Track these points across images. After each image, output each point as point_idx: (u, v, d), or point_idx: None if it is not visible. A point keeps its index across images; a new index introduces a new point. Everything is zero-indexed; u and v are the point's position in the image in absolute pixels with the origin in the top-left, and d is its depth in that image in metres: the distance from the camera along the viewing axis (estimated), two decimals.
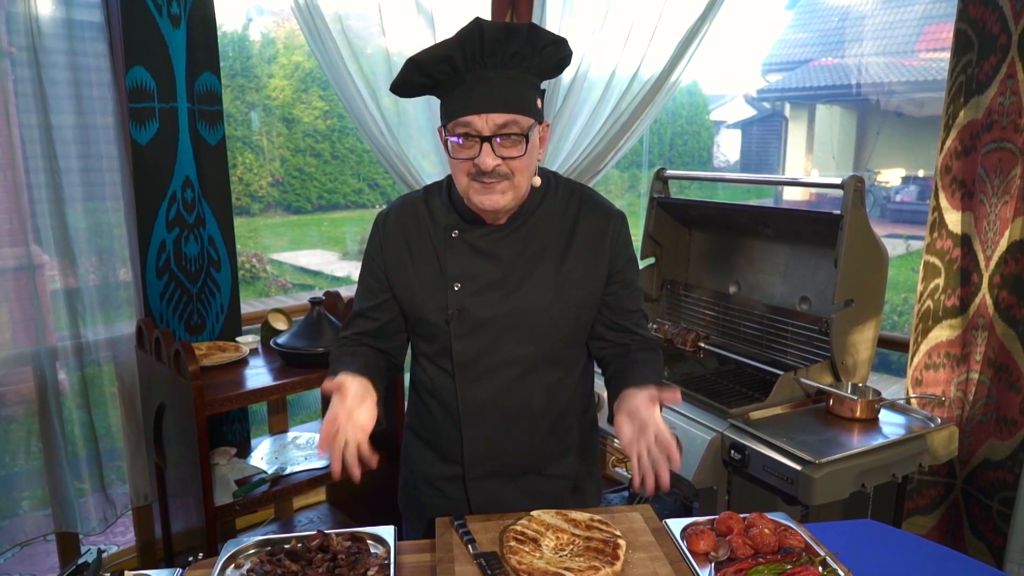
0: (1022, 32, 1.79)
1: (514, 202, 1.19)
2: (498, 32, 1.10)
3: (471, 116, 1.11)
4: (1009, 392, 1.93)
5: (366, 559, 1.17)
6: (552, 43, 1.14)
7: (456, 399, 1.26)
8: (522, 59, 1.13)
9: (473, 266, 1.23)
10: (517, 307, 1.22)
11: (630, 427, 1.12)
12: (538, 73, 1.18)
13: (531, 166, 1.18)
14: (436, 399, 1.30)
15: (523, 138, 1.14)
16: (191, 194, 2.21)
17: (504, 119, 1.12)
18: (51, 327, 2.12)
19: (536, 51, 1.13)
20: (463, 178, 1.16)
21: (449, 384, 1.27)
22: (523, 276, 1.23)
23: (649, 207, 2.53)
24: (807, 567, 1.13)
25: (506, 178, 1.15)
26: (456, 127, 1.13)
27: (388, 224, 1.29)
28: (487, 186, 1.15)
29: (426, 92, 1.21)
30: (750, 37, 16.84)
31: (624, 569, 1.11)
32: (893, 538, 1.36)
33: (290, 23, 9.89)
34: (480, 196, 1.16)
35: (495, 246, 1.23)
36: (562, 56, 1.18)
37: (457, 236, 1.24)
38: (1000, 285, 1.93)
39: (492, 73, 1.11)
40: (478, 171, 1.13)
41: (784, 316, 2.18)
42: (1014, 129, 1.83)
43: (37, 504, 2.22)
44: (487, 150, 1.12)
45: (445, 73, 1.13)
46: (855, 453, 1.68)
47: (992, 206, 1.91)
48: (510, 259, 1.23)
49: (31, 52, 1.92)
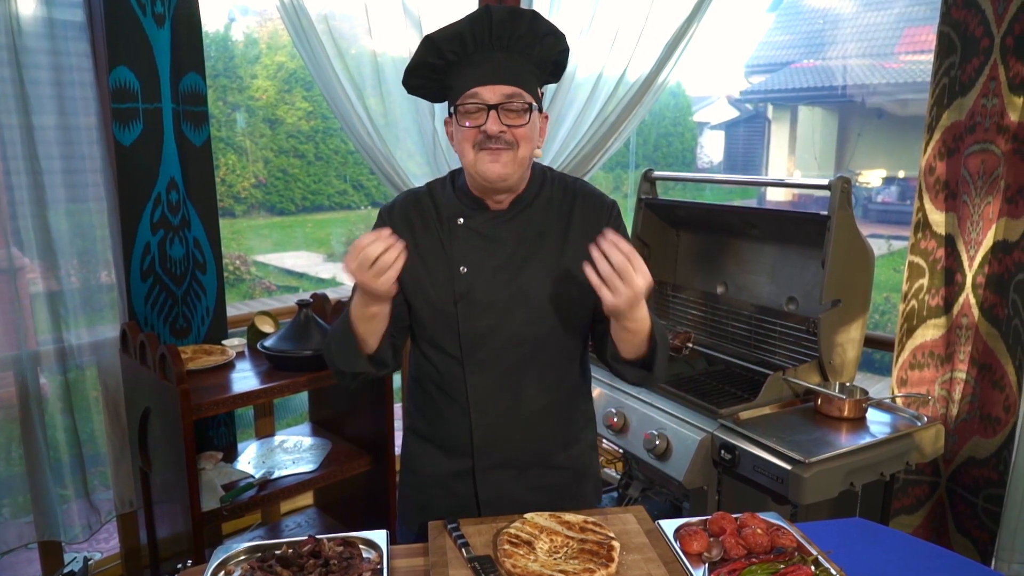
0: (1004, 35, 1.81)
1: (517, 173, 1.24)
2: (505, 15, 1.19)
3: (479, 87, 1.20)
4: (993, 391, 1.95)
5: (359, 564, 1.15)
6: (551, 33, 1.24)
7: (464, 385, 1.30)
8: (525, 44, 1.22)
9: (478, 250, 1.29)
10: (520, 287, 1.28)
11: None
12: (538, 64, 1.25)
13: (533, 139, 1.25)
14: (442, 390, 1.32)
15: (527, 110, 1.22)
16: (176, 196, 2.19)
17: (510, 90, 1.20)
18: (32, 331, 2.08)
19: (538, 38, 1.22)
20: (470, 150, 1.23)
21: (458, 371, 1.30)
22: (525, 258, 1.28)
23: (637, 208, 2.53)
24: (800, 566, 1.14)
25: (510, 147, 1.21)
26: (465, 100, 1.21)
27: (394, 215, 1.33)
28: (493, 154, 1.21)
29: (435, 80, 1.27)
30: (733, 39, 16.98)
31: (619, 571, 1.11)
32: (883, 536, 1.37)
33: (272, 23, 9.81)
34: (486, 165, 1.22)
35: (498, 230, 1.29)
36: (559, 51, 1.27)
37: (462, 223, 1.30)
38: (983, 285, 1.95)
39: (498, 54, 1.21)
40: (485, 137, 1.20)
41: (772, 316, 2.20)
42: (996, 131, 1.86)
43: (18, 511, 2.17)
44: (493, 116, 1.20)
45: (455, 53, 1.22)
46: (844, 452, 1.70)
47: (975, 207, 1.93)
48: (512, 243, 1.29)
49: (11, 52, 1.89)
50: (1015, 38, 1.79)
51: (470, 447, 1.32)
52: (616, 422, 2.08)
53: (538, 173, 1.33)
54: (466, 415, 1.30)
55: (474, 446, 1.32)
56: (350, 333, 1.22)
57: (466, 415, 1.30)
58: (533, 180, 1.31)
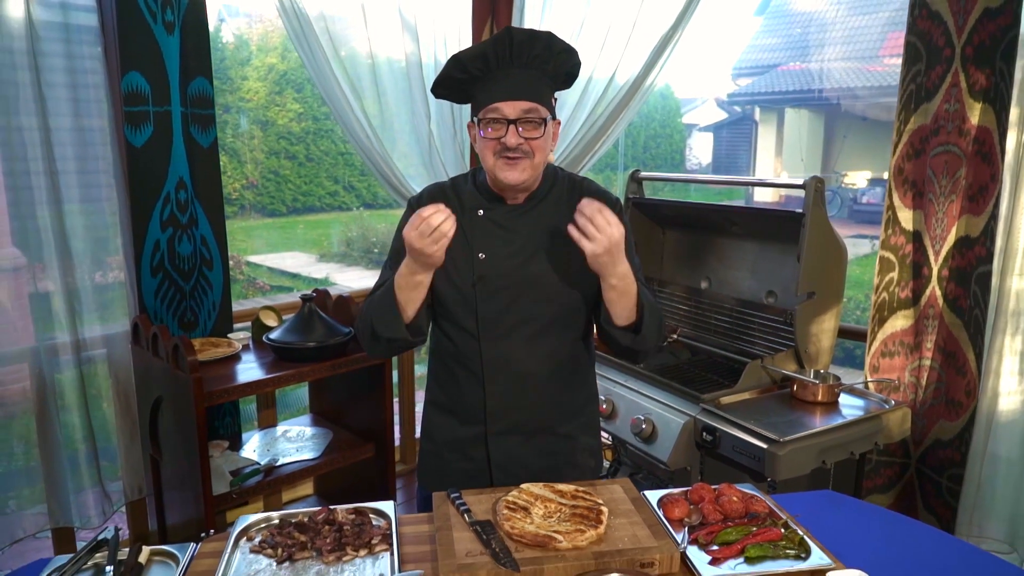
0: (964, 45, 1.95)
1: (532, 178, 1.39)
2: (524, 36, 1.32)
3: (500, 103, 1.33)
4: (957, 377, 2.08)
5: (370, 529, 1.26)
6: (565, 50, 1.37)
7: (480, 358, 1.43)
8: (541, 61, 1.35)
9: (495, 239, 1.43)
10: (532, 272, 1.42)
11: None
12: (552, 77, 1.38)
13: (546, 148, 1.39)
14: (460, 363, 1.47)
15: (542, 123, 1.35)
16: (184, 195, 2.28)
17: (527, 106, 1.33)
18: (47, 325, 2.17)
19: (553, 55, 1.35)
20: (490, 157, 1.36)
21: (474, 345, 1.44)
22: (536, 248, 1.43)
23: (625, 207, 2.65)
24: (770, 528, 1.26)
25: (527, 156, 1.35)
26: (487, 113, 1.34)
27: (422, 204, 1.44)
28: (511, 162, 1.35)
29: (460, 91, 1.42)
30: (721, 42, 17.16)
31: (607, 532, 1.22)
32: (848, 505, 1.50)
33: (263, 24, 9.86)
34: (505, 172, 1.36)
35: (514, 222, 1.44)
36: (572, 64, 1.40)
37: (482, 215, 1.44)
38: (948, 278, 2.09)
39: (517, 71, 1.34)
40: (504, 148, 1.34)
41: (752, 309, 2.32)
42: (958, 134, 1.99)
43: (29, 502, 2.25)
44: (512, 131, 1.33)
45: (479, 69, 1.35)
46: (816, 432, 1.82)
47: (940, 204, 2.07)
48: (526, 233, 1.43)
49: (31, 56, 1.98)
50: (974, 48, 1.93)
51: (483, 414, 1.46)
52: (605, 408, 2.19)
53: (549, 172, 1.48)
54: (480, 385, 1.44)
55: (487, 413, 1.46)
56: (393, 301, 1.36)
57: (480, 385, 1.44)
58: (545, 178, 1.46)
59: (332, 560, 1.19)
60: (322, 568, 1.17)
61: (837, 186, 12.54)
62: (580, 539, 1.18)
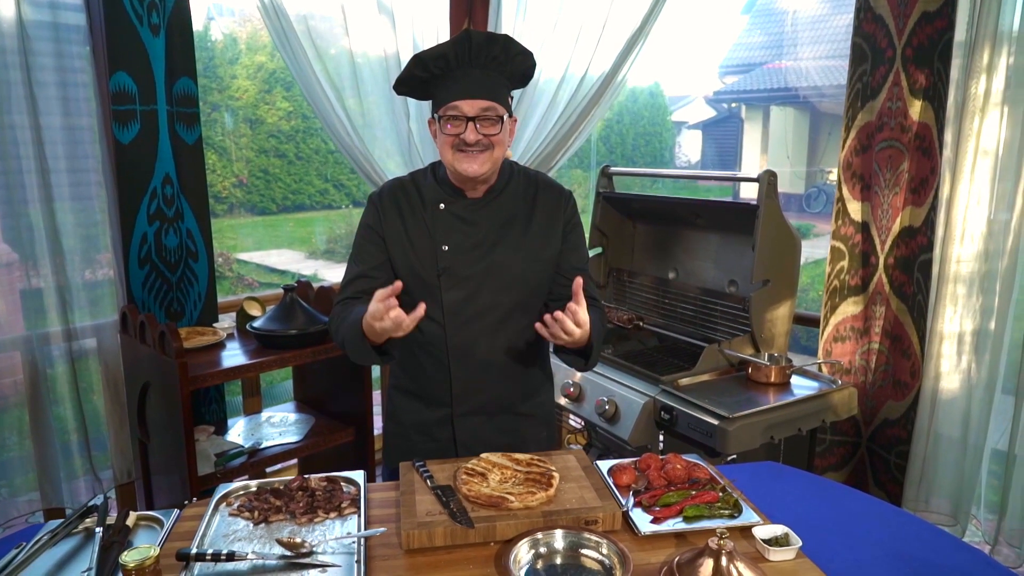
0: (904, 47, 2.07)
1: (491, 170, 1.46)
2: (483, 39, 1.40)
3: (459, 101, 1.40)
4: (902, 359, 2.21)
5: (340, 495, 1.37)
6: (521, 53, 1.45)
7: (445, 345, 1.53)
8: (499, 63, 1.43)
9: (457, 231, 1.51)
10: (493, 263, 1.50)
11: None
12: (509, 77, 1.47)
13: (504, 142, 1.47)
14: (425, 351, 1.55)
15: (499, 120, 1.43)
16: (170, 190, 2.38)
17: (486, 104, 1.41)
18: (39, 321, 2.25)
19: (510, 57, 1.43)
20: (450, 151, 1.44)
21: (439, 333, 1.53)
22: (496, 239, 1.51)
23: (596, 201, 2.77)
24: (708, 491, 1.38)
25: (486, 148, 1.43)
26: (448, 110, 1.42)
27: (383, 199, 1.56)
28: (469, 155, 1.43)
29: (422, 89, 1.48)
30: (709, 40, 17.27)
31: (556, 495, 1.33)
32: (788, 475, 1.62)
33: (252, 23, 9.90)
34: (464, 164, 1.44)
35: (474, 215, 1.52)
36: (528, 66, 1.48)
37: (443, 208, 1.52)
38: (893, 266, 2.21)
39: (476, 71, 1.42)
40: (462, 143, 1.42)
41: (715, 297, 2.44)
42: (900, 130, 2.12)
43: (22, 490, 2.33)
44: (471, 128, 1.41)
45: (440, 68, 1.42)
46: (764, 409, 1.95)
47: (885, 196, 2.19)
48: (486, 225, 1.52)
49: (21, 55, 2.07)
50: (913, 49, 2.05)
51: (449, 397, 1.56)
52: (572, 391, 2.31)
53: (506, 167, 1.57)
54: (446, 371, 1.54)
55: (453, 396, 1.56)
56: (362, 340, 1.40)
57: (446, 371, 1.54)
58: (502, 173, 1.54)
59: (304, 522, 1.30)
60: (295, 528, 1.28)
61: (823, 183, 12.69)
62: (531, 500, 1.29)
